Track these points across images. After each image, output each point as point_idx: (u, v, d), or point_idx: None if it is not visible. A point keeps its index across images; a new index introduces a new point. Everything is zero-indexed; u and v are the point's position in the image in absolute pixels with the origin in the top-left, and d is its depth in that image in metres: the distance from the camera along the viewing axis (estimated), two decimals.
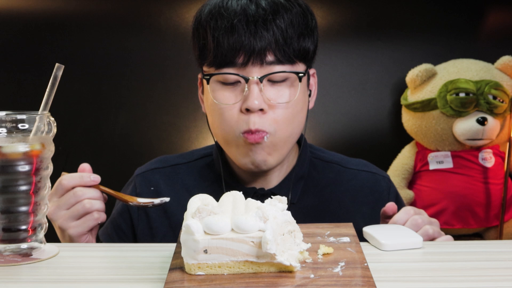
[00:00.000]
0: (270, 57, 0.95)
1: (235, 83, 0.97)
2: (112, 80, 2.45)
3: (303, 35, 0.97)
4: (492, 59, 2.27)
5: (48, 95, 0.79)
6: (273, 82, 0.97)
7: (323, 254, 0.70)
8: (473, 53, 2.31)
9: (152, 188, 1.11)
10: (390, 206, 0.97)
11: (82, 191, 0.94)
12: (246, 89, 0.95)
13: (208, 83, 0.98)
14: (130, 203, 0.94)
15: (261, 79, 0.95)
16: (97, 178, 0.95)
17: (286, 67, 0.96)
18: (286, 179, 1.08)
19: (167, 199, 0.93)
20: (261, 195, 1.06)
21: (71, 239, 0.96)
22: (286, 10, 0.96)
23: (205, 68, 1.00)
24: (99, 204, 0.95)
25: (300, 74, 0.98)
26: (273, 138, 0.97)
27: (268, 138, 0.96)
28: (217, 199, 1.08)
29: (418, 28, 2.44)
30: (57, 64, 0.78)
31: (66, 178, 0.94)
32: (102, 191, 0.96)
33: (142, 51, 2.43)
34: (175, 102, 2.44)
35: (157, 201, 0.93)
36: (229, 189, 1.05)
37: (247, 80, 0.95)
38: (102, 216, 0.96)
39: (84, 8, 2.43)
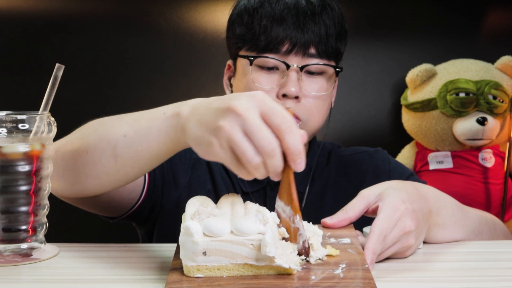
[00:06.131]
0: (312, 50, 1.00)
1: (272, 69, 1.01)
2: (112, 80, 2.45)
3: (339, 36, 1.04)
4: (492, 59, 2.27)
5: (48, 95, 0.79)
6: (310, 73, 1.02)
7: (327, 255, 0.69)
8: (473, 53, 2.31)
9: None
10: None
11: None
12: (285, 75, 1.00)
13: (251, 64, 1.02)
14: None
15: (301, 68, 1.00)
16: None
17: (324, 62, 1.02)
18: None
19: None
20: (275, 185, 1.08)
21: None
22: (331, 8, 1.02)
23: (243, 52, 1.04)
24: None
25: (338, 69, 1.05)
26: (304, 127, 1.01)
27: (300, 126, 1.00)
28: (233, 181, 1.09)
29: (418, 28, 2.43)
30: (57, 64, 0.78)
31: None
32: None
33: (142, 51, 2.43)
34: (175, 102, 2.44)
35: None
36: None
37: (288, 66, 0.99)
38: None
39: (84, 8, 2.43)
